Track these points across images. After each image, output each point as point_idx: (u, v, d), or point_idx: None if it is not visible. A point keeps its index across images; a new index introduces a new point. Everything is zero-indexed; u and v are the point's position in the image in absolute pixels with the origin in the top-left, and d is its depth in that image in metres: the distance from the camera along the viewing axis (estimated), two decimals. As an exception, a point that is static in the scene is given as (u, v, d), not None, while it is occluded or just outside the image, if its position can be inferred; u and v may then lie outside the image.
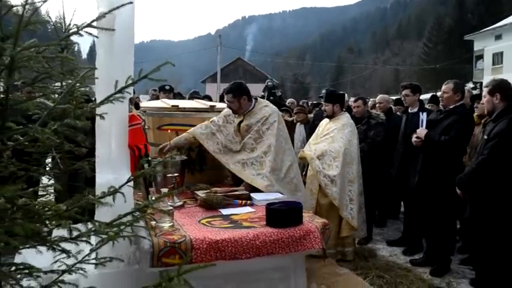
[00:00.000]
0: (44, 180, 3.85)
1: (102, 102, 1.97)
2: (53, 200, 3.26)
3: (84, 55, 61.47)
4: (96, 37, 2.02)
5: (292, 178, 3.93)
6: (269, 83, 9.33)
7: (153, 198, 2.60)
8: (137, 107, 6.22)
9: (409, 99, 5.31)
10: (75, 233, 1.70)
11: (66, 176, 4.27)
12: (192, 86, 38.15)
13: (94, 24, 1.97)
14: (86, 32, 1.98)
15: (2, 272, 1.55)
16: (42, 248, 1.84)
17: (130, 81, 1.94)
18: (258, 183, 3.65)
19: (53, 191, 3.90)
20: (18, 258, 2.55)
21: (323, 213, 4.56)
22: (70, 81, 2.49)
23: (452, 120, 4.35)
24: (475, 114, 5.28)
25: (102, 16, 1.92)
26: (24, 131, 1.69)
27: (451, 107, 4.45)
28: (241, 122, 4.00)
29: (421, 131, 4.51)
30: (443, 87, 4.54)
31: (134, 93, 7.81)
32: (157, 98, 7.03)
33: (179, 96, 7.83)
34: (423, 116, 4.60)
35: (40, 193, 3.58)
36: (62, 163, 3.82)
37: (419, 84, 5.63)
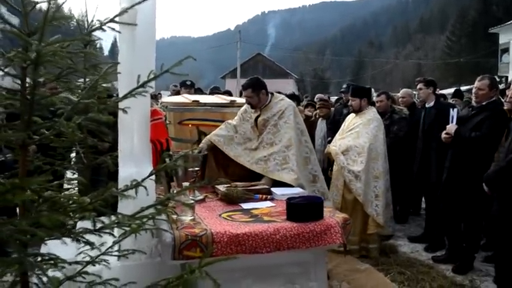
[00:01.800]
0: (68, 174, 3.94)
1: (125, 97, 2.00)
2: (77, 193, 3.32)
3: (106, 52, 62.21)
4: (119, 32, 2.03)
5: (310, 169, 3.93)
6: None
7: (175, 191, 2.63)
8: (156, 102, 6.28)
9: (423, 92, 5.34)
10: (98, 225, 1.73)
11: (89, 170, 4.35)
12: (212, 81, 38.31)
13: (117, 19, 2.00)
14: (109, 28, 2.01)
15: (29, 262, 1.58)
16: (67, 240, 1.88)
17: (152, 76, 1.96)
18: (286, 178, 3.64)
19: (76, 184, 3.99)
20: (43, 249, 2.62)
21: (349, 208, 4.56)
22: (93, 76, 2.53)
23: (485, 117, 4.22)
24: (505, 108, 5.15)
25: (124, 11, 1.94)
26: (50, 125, 1.73)
27: (484, 103, 4.32)
28: (258, 117, 3.99)
29: (451, 127, 4.41)
30: (478, 83, 4.36)
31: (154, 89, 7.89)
32: (178, 93, 7.07)
33: (200, 91, 7.86)
34: (454, 112, 4.50)
35: (65, 187, 3.67)
36: (85, 157, 3.90)
37: (434, 79, 5.63)
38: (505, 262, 3.68)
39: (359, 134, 4.71)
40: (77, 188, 3.91)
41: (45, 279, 1.71)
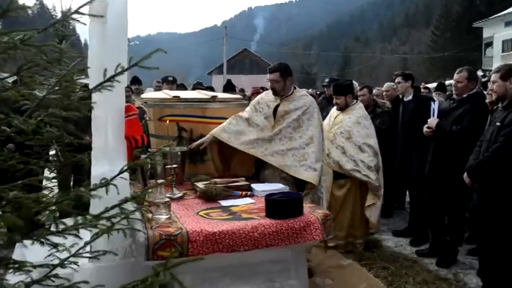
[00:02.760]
0: (47, 173, 3.83)
1: (91, 91, 1.92)
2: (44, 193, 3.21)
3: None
4: (84, 24, 1.95)
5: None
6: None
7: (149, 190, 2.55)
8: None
9: (401, 86, 5.34)
10: (61, 226, 1.65)
11: (69, 168, 4.24)
12: (200, 77, 38.09)
13: (83, 11, 1.91)
14: (74, 19, 1.92)
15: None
16: (32, 242, 1.80)
17: (120, 69, 1.88)
18: (304, 175, 3.61)
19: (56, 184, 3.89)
20: (16, 253, 2.53)
21: (337, 205, 4.52)
22: (60, 71, 2.44)
23: (466, 110, 4.22)
24: (486, 101, 5.16)
25: (89, 2, 1.86)
26: (8, 121, 1.64)
27: (465, 95, 4.32)
28: (277, 106, 3.88)
29: (432, 121, 4.39)
30: (457, 76, 4.38)
31: (141, 84, 7.79)
32: (161, 89, 6.98)
33: (182, 87, 7.77)
34: (435, 106, 4.48)
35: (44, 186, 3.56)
36: (62, 155, 3.79)
37: (413, 72, 5.63)
38: (488, 255, 3.67)
39: (351, 134, 4.58)
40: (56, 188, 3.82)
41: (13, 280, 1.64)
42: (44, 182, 3.54)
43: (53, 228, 1.70)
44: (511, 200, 3.44)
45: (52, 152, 3.77)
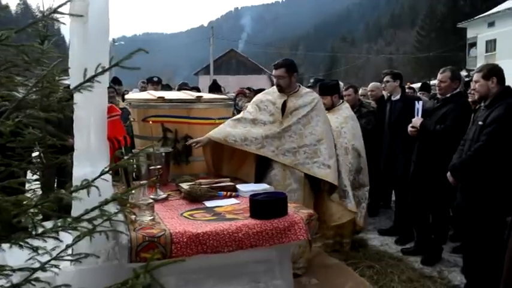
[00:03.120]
0: (30, 175, 3.77)
1: (71, 92, 1.89)
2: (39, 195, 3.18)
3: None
4: (64, 24, 1.92)
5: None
6: None
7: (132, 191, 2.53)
8: (124, 99, 6.13)
9: (390, 85, 5.32)
10: (40, 229, 1.62)
11: (52, 170, 4.17)
12: (186, 78, 37.93)
13: (63, 10, 1.89)
14: (54, 19, 1.90)
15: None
16: (10, 246, 1.77)
17: (100, 69, 1.86)
18: (317, 173, 3.64)
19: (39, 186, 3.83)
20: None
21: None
22: (41, 72, 2.40)
23: (449, 109, 4.27)
24: (469, 100, 5.22)
25: (69, 1, 1.83)
26: (-16, 123, 1.61)
27: (448, 95, 4.37)
28: (284, 102, 3.84)
29: (416, 120, 4.43)
30: (440, 76, 4.43)
31: (121, 85, 7.71)
32: (146, 89, 6.93)
33: (168, 88, 7.73)
34: (419, 105, 4.51)
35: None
36: (45, 157, 3.74)
37: (400, 72, 5.65)
38: (472, 252, 3.71)
39: (339, 134, 4.55)
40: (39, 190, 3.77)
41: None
42: (27, 185, 3.48)
43: (32, 231, 1.67)
44: (494, 198, 3.48)
45: (35, 154, 3.72)
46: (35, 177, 3.78)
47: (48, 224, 1.69)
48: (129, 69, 1.97)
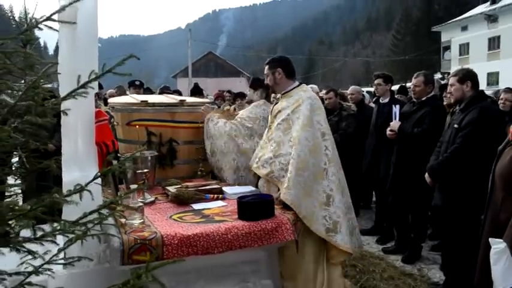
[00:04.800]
0: (11, 180, 3.74)
1: (64, 98, 1.92)
2: (20, 200, 3.16)
3: (51, 51, 59.96)
4: (57, 31, 1.95)
5: (325, 186, 3.09)
6: None
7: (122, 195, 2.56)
8: (106, 103, 6.10)
9: (381, 88, 5.36)
10: (39, 233, 1.65)
11: (33, 175, 4.14)
12: (165, 80, 37.66)
13: (54, 17, 1.91)
14: (46, 26, 1.92)
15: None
16: (5, 250, 1.79)
17: (93, 76, 1.89)
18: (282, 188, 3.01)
19: (20, 191, 3.79)
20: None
21: None
22: (30, 77, 2.42)
23: (425, 112, 4.42)
24: (444, 103, 5.38)
25: (62, 9, 1.86)
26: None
27: (423, 99, 4.52)
28: (275, 105, 3.45)
29: (395, 124, 4.57)
30: (414, 80, 4.58)
31: (102, 88, 7.64)
32: (124, 93, 6.90)
33: (149, 91, 7.70)
34: (396, 109, 4.64)
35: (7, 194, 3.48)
36: (27, 162, 3.72)
37: (391, 75, 5.71)
38: (450, 250, 3.85)
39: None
40: (20, 196, 3.73)
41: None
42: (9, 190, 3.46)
43: (29, 235, 1.69)
44: (470, 197, 3.61)
45: (15, 159, 3.70)
46: (18, 182, 3.76)
47: (47, 228, 1.72)
48: (121, 75, 2.01)
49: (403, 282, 4.01)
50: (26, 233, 1.89)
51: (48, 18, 1.84)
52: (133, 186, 2.75)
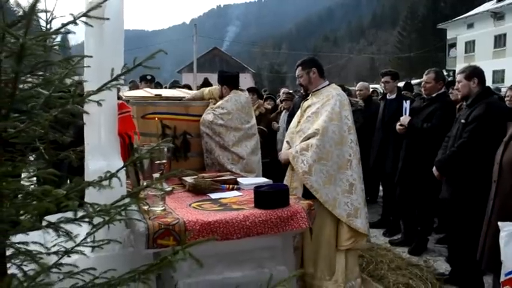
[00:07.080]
0: (31, 171, 3.87)
1: (100, 90, 2.03)
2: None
3: (73, 42, 60.17)
4: (91, 26, 2.06)
5: (349, 176, 3.38)
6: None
7: (145, 183, 2.68)
8: (119, 97, 6.21)
9: (389, 85, 5.47)
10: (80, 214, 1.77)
11: (50, 166, 4.27)
12: (170, 75, 37.71)
13: (90, 13, 2.03)
14: (82, 21, 2.03)
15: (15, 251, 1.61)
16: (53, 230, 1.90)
17: (125, 69, 2.01)
18: (298, 170, 3.28)
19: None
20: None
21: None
22: (62, 70, 2.54)
23: (435, 108, 4.54)
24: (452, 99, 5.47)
25: (98, 5, 1.97)
26: (28, 117, 1.75)
27: (434, 95, 4.64)
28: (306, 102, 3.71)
29: (405, 119, 4.69)
30: (425, 77, 4.71)
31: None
32: (137, 88, 7.02)
33: (159, 86, 7.83)
34: (407, 104, 4.76)
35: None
36: (46, 153, 3.84)
37: (397, 71, 5.82)
38: (456, 243, 3.96)
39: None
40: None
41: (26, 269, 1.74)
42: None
43: (71, 216, 1.81)
44: (476, 190, 3.71)
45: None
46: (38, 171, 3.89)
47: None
48: (151, 68, 2.12)
49: (409, 272, 4.13)
50: (51, 217, 2.01)
51: (85, 15, 1.95)
52: (155, 175, 2.86)
